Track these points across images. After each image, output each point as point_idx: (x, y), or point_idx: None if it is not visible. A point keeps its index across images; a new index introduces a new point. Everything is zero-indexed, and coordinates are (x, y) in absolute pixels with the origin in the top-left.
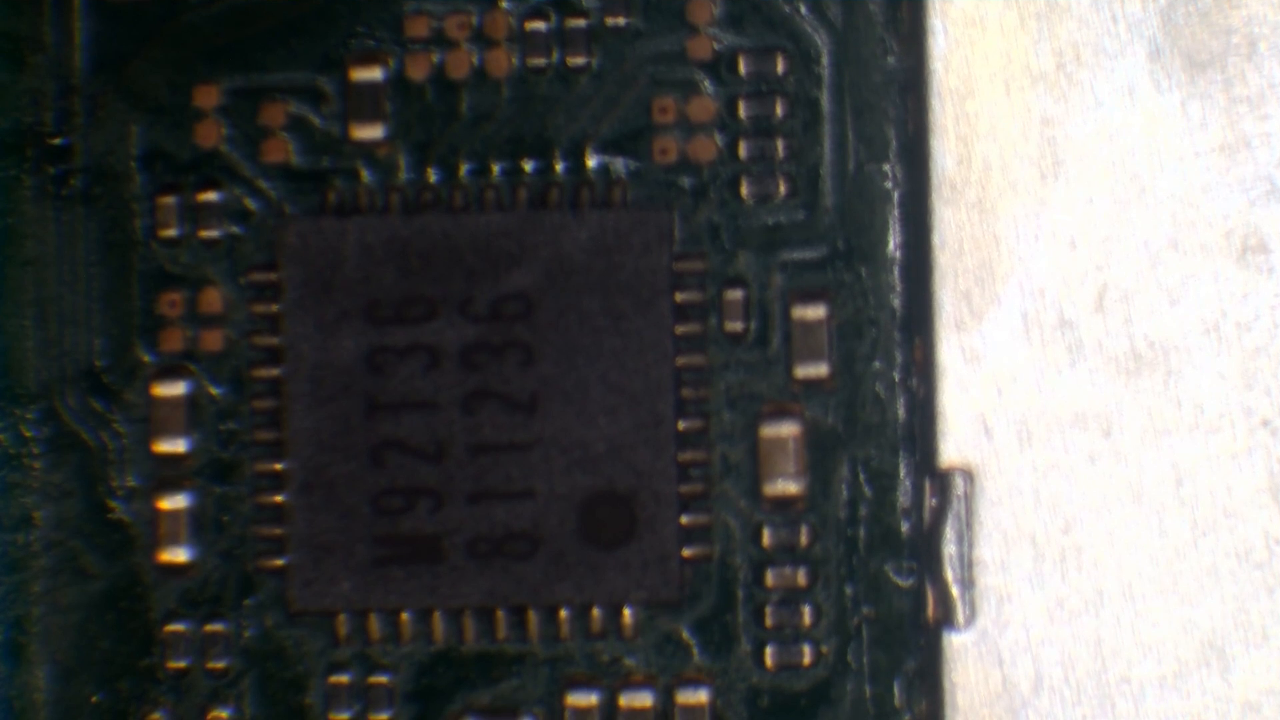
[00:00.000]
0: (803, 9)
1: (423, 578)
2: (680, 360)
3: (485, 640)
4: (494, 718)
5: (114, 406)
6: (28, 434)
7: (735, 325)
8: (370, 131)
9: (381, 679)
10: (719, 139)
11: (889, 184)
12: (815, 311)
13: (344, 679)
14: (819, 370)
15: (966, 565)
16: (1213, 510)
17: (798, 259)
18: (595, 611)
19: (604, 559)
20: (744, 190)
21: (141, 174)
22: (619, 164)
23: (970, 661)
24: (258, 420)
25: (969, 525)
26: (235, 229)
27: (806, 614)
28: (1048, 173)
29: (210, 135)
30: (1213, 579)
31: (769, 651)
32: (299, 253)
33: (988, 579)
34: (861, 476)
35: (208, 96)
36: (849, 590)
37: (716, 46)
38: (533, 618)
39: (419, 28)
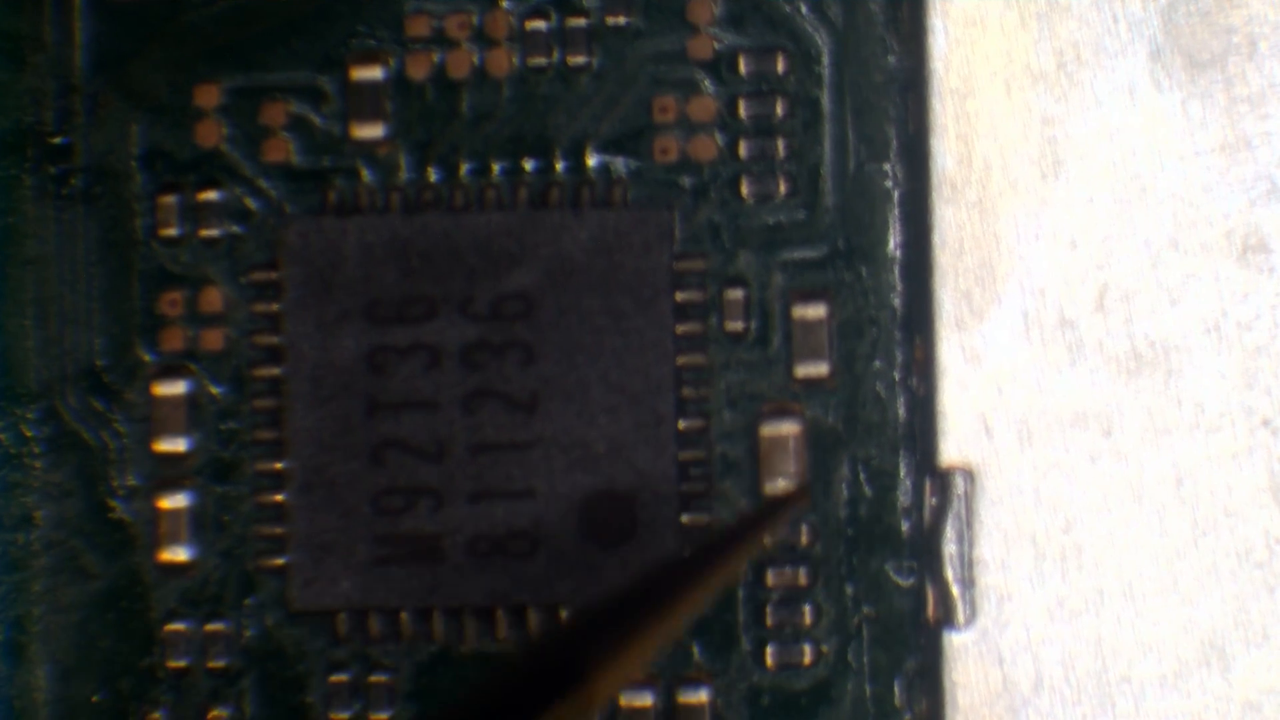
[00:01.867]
0: (803, 8)
1: (423, 577)
2: (681, 359)
3: (485, 640)
4: None
5: (114, 406)
6: (28, 433)
7: (736, 325)
8: (371, 131)
9: (381, 678)
10: (719, 138)
11: (889, 183)
12: (816, 311)
13: (344, 678)
14: (819, 369)
15: (967, 564)
16: (1213, 510)
17: (798, 258)
18: None
19: (604, 558)
20: (744, 190)
21: (142, 173)
22: (619, 163)
23: (971, 661)
24: (258, 419)
25: (969, 524)
26: (236, 228)
27: (807, 613)
28: (1048, 172)
29: (211, 135)
30: (1213, 578)
31: (769, 651)
32: (299, 252)
33: (988, 578)
34: (862, 476)
35: (208, 96)
36: (849, 589)
37: (717, 46)
38: (533, 617)
39: (420, 27)
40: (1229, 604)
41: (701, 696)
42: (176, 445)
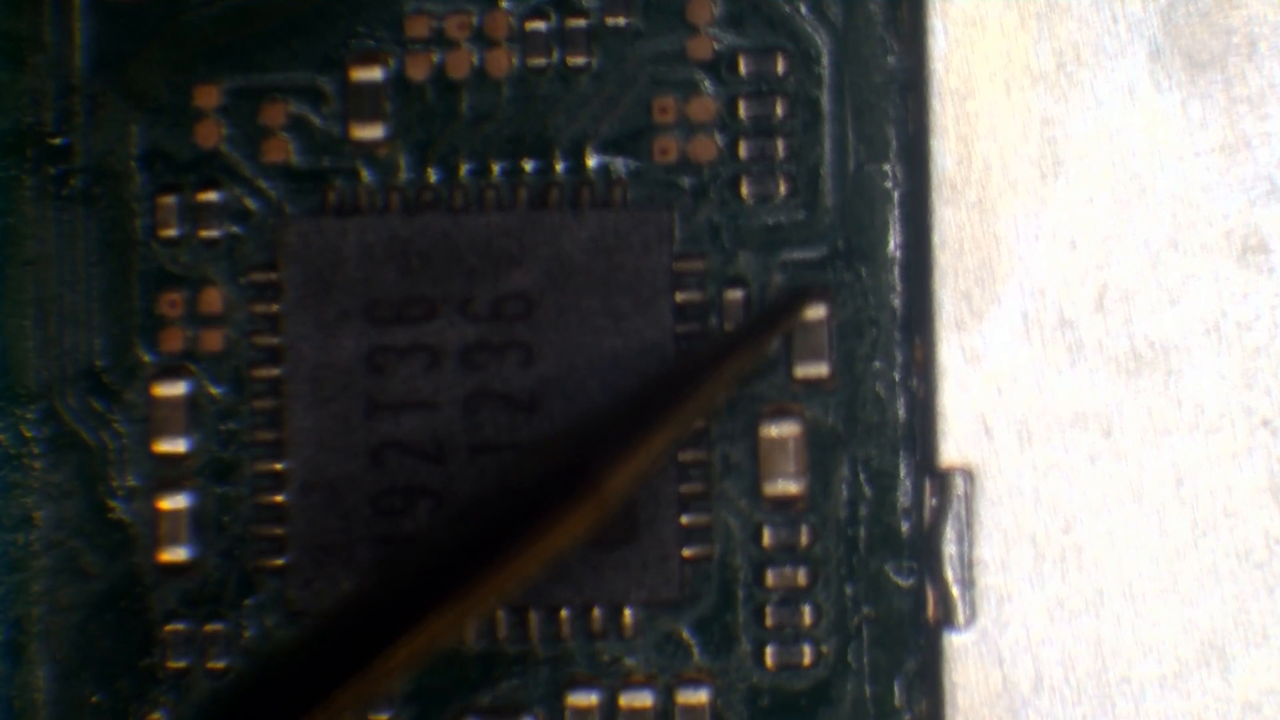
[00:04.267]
0: (803, 9)
1: None
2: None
3: (486, 640)
4: (494, 718)
5: (114, 406)
6: (28, 434)
7: (736, 325)
8: (370, 131)
9: None
10: (719, 139)
11: (889, 184)
12: (815, 311)
13: None
14: (819, 370)
15: (967, 565)
16: (1213, 510)
17: (798, 259)
18: (596, 611)
19: (604, 559)
20: (744, 190)
21: (142, 174)
22: (619, 164)
23: (970, 661)
24: (258, 420)
25: (969, 525)
26: (235, 229)
27: (807, 614)
28: (1048, 172)
29: (210, 135)
30: (1213, 579)
31: (769, 651)
32: (299, 253)
33: (988, 579)
34: (862, 476)
35: (208, 96)
36: (849, 590)
37: (717, 46)
38: (533, 618)
39: (419, 28)
40: (1229, 604)
41: (701, 697)
42: (176, 446)
